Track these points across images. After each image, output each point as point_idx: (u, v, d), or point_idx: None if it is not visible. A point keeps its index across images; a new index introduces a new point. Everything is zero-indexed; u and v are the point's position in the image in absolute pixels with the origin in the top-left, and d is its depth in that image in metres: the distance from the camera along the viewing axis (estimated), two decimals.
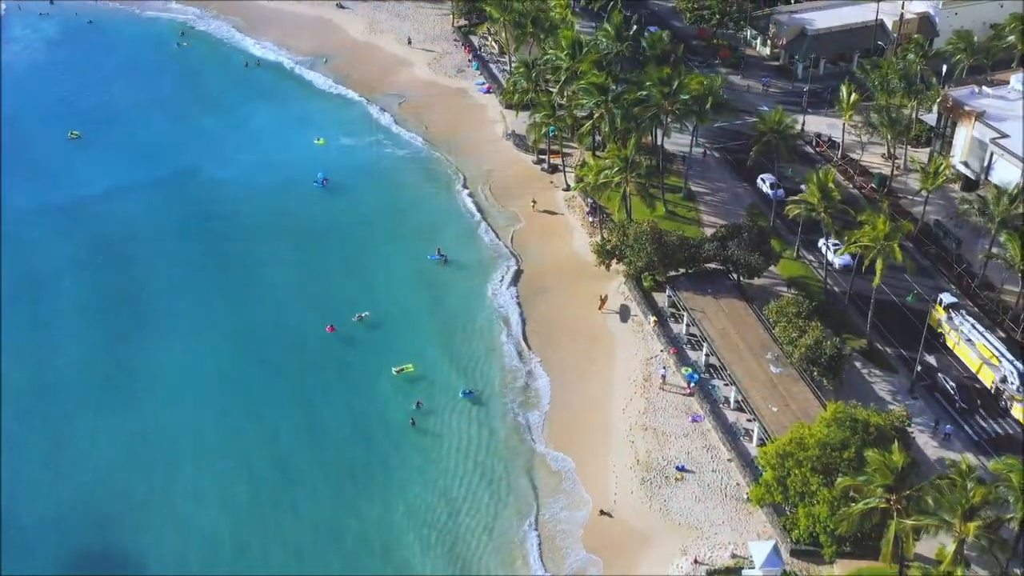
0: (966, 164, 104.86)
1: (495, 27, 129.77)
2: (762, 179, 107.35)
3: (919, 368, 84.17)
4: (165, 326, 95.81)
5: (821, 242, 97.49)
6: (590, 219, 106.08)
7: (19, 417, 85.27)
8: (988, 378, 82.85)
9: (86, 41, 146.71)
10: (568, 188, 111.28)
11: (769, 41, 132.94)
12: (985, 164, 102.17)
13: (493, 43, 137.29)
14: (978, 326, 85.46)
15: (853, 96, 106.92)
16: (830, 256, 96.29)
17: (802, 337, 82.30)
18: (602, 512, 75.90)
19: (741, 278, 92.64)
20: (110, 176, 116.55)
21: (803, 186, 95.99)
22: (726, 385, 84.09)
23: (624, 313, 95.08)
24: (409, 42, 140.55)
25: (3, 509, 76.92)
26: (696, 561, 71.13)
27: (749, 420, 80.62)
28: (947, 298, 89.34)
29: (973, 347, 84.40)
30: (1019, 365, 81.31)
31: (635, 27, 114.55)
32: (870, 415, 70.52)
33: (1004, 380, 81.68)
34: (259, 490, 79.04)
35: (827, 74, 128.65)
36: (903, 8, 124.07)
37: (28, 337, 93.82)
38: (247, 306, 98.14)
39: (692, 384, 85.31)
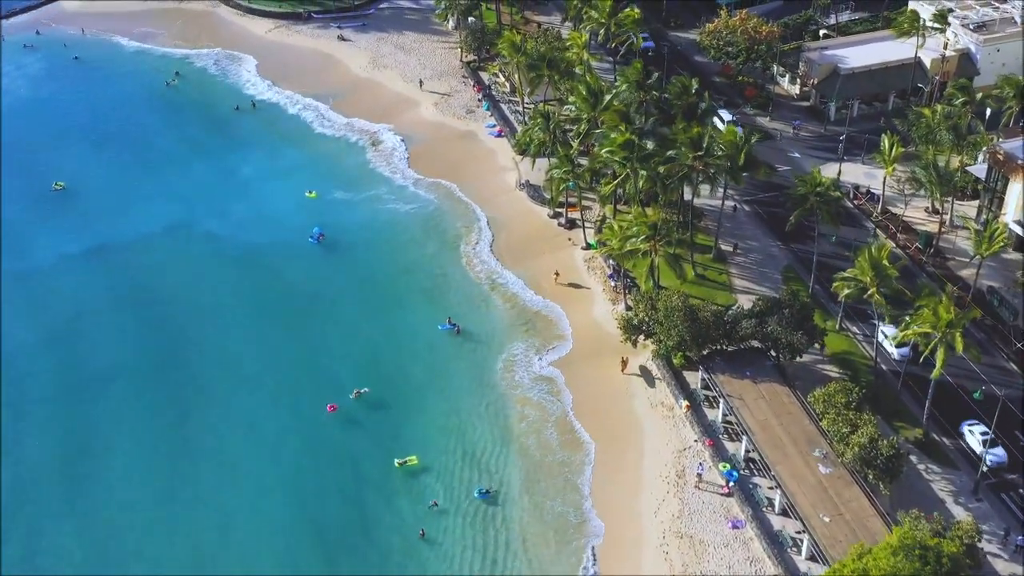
0: (1020, 224, 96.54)
1: (508, 69, 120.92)
2: (969, 430, 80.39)
3: (985, 468, 75.84)
4: (151, 403, 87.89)
5: (965, 426, 79.90)
6: (612, 283, 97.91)
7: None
8: None
9: (72, 80, 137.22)
10: (588, 246, 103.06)
11: (798, 80, 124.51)
12: None
13: (505, 82, 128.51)
14: None
15: (896, 148, 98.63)
16: (974, 443, 78.62)
17: (854, 433, 74.19)
18: None
19: (782, 358, 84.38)
20: (95, 233, 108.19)
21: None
22: (770, 488, 75.75)
23: (648, 376, 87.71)
24: (420, 84, 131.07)
25: None
26: None
27: (798, 533, 72.22)
28: None
29: None
30: None
31: (656, 74, 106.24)
32: (943, 543, 62.22)
33: None
34: None
35: (861, 116, 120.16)
36: (944, 49, 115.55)
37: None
38: (241, 381, 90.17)
39: (731, 483, 77.05)
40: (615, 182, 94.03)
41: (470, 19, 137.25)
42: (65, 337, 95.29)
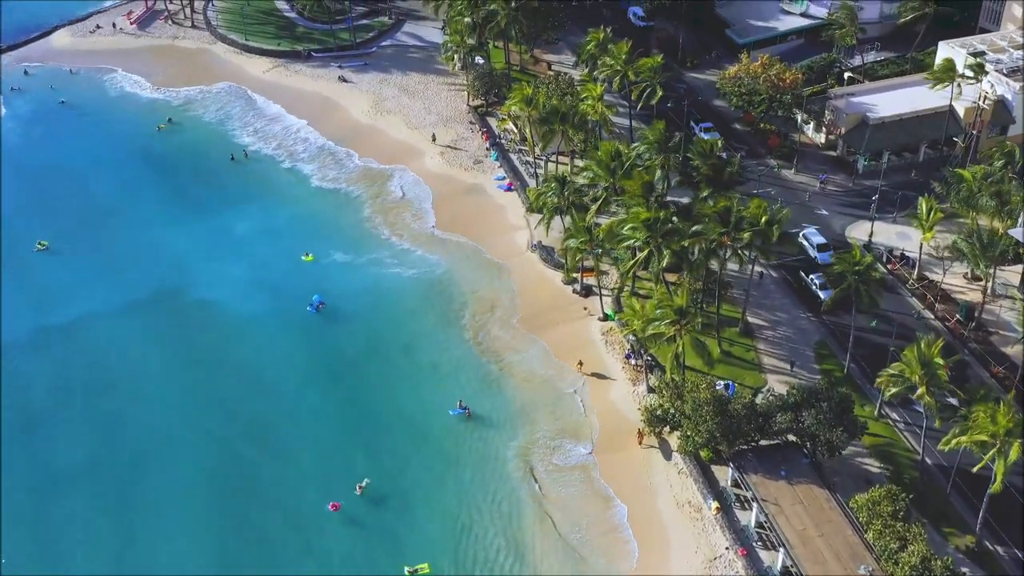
0: None
1: (520, 123, 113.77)
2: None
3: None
4: (140, 502, 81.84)
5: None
6: (631, 362, 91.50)
7: None
8: None
9: (59, 126, 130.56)
10: (605, 317, 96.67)
11: (824, 128, 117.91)
12: None
13: (515, 131, 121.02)
14: None
15: (934, 214, 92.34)
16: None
17: (903, 550, 67.84)
18: None
19: (819, 454, 77.88)
20: (78, 300, 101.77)
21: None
22: None
23: (666, 450, 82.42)
24: (434, 139, 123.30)
25: None
26: None
27: None
28: None
29: None
30: None
31: (679, 135, 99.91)
32: None
33: None
34: None
35: (891, 168, 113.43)
36: (982, 101, 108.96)
37: None
38: (236, 470, 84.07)
39: None
40: (637, 259, 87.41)
41: (477, 59, 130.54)
42: (36, 418, 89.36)
